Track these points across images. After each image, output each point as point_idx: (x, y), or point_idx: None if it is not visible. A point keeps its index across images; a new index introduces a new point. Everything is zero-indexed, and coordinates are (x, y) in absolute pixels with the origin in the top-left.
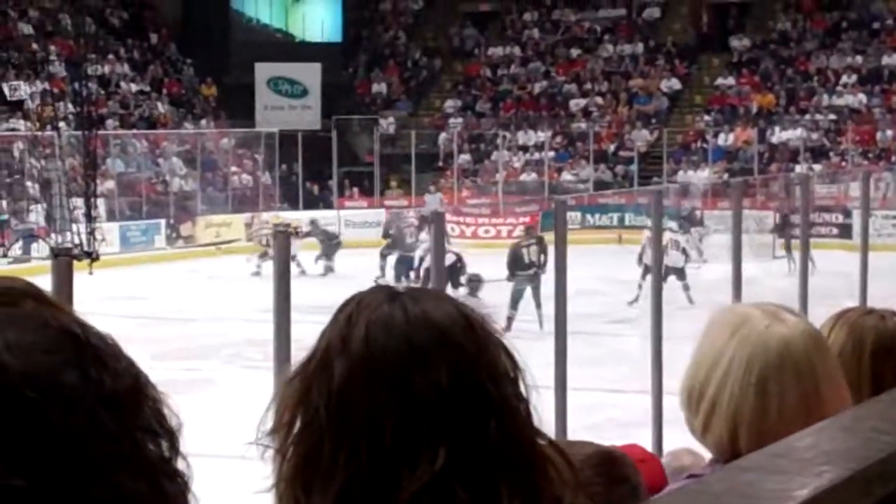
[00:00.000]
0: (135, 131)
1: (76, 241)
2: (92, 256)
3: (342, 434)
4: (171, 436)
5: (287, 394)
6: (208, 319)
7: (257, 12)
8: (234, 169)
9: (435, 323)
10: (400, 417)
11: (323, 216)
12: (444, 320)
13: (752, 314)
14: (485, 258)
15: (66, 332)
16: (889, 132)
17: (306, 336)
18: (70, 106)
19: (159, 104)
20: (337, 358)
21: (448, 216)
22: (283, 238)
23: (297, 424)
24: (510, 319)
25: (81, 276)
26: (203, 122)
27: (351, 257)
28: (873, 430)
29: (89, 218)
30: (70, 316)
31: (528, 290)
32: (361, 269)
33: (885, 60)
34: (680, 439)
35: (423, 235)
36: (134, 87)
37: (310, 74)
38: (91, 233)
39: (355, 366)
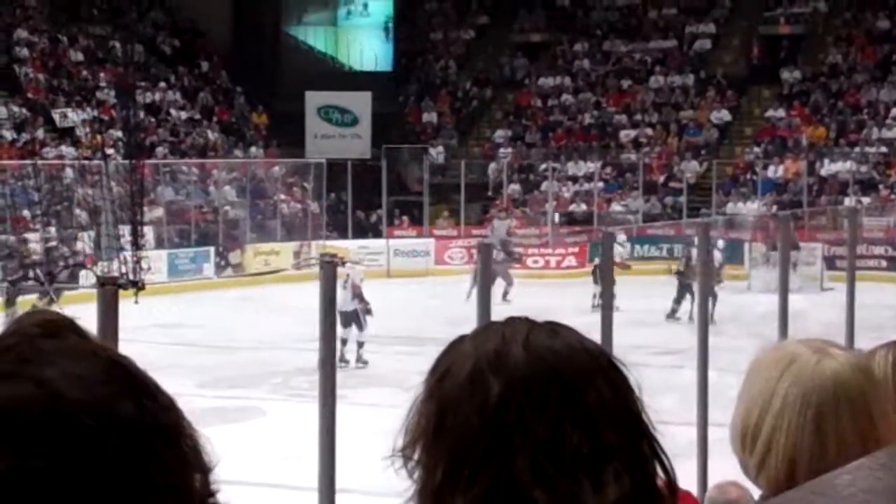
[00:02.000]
0: (185, 160)
1: (122, 269)
2: (138, 285)
3: (500, 445)
4: (206, 472)
5: (427, 410)
6: (256, 348)
7: (308, 38)
8: (283, 197)
9: (590, 350)
10: (574, 428)
11: (372, 245)
12: (595, 349)
13: (800, 351)
14: (534, 288)
15: (117, 364)
16: None
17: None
18: (119, 133)
19: (209, 132)
20: (493, 374)
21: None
22: (330, 268)
23: (442, 437)
24: None
25: (127, 305)
26: (253, 149)
27: (399, 287)
28: None
29: (136, 246)
30: (113, 349)
31: None
32: (409, 298)
33: None
34: (724, 470)
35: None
36: (184, 115)
37: (360, 103)
38: (137, 261)
39: (515, 383)
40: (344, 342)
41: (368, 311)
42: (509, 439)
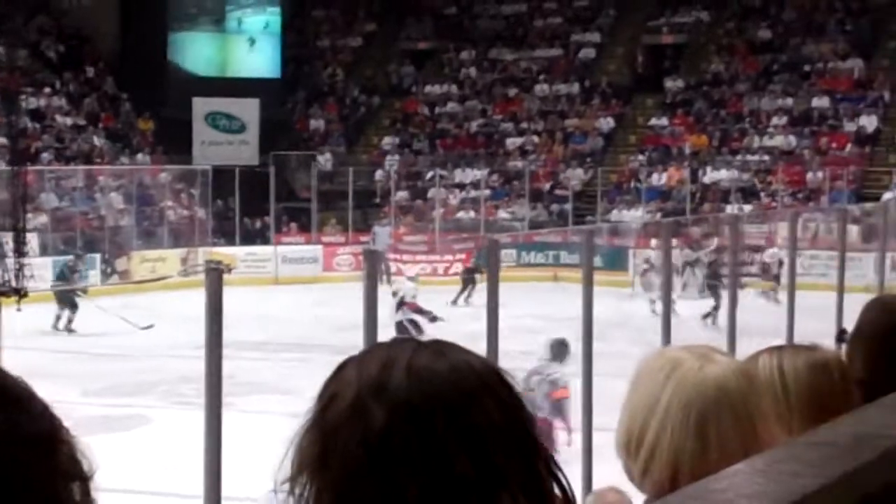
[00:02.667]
0: (71, 167)
1: (5, 276)
2: (20, 292)
3: (387, 475)
4: (85, 481)
5: (309, 440)
6: (142, 355)
7: (195, 44)
8: (169, 204)
9: (476, 370)
10: (463, 454)
11: (260, 252)
12: (483, 369)
13: (684, 357)
14: (421, 295)
15: None
16: (819, 173)
17: (238, 372)
18: (3, 139)
19: (95, 138)
20: (374, 403)
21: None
22: (216, 275)
23: (326, 468)
24: None
25: (9, 312)
26: (139, 156)
27: (287, 294)
28: (789, 473)
29: (19, 253)
30: None
31: None
32: (297, 305)
33: (815, 102)
34: (610, 475)
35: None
36: (70, 121)
37: (248, 110)
38: (20, 269)
39: (398, 409)
40: None
41: (433, 319)
42: (396, 470)
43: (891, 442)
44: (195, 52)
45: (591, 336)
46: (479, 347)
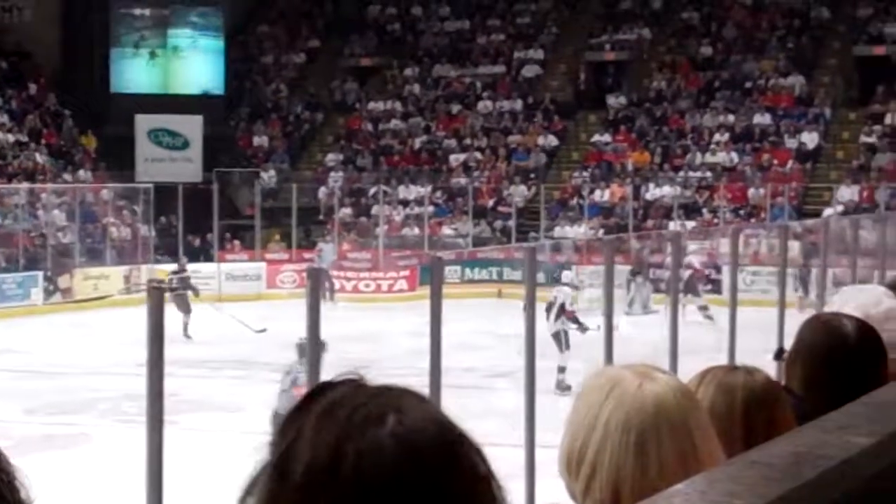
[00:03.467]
0: (13, 185)
1: None
2: None
3: None
4: None
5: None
6: (84, 373)
7: (138, 61)
8: (112, 221)
9: (421, 451)
10: None
11: (203, 269)
12: (430, 452)
13: (624, 375)
14: (365, 312)
15: None
16: (760, 190)
17: (181, 390)
18: None
19: (38, 155)
20: (323, 486)
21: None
22: (157, 293)
23: None
24: None
25: None
26: (81, 173)
27: (231, 311)
28: (727, 494)
29: None
30: None
31: None
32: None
33: (757, 119)
34: (553, 492)
35: None
36: (12, 138)
37: (191, 126)
38: None
39: (346, 499)
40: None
41: (585, 330)
42: None
43: (830, 462)
44: (138, 68)
45: (534, 352)
46: (422, 365)
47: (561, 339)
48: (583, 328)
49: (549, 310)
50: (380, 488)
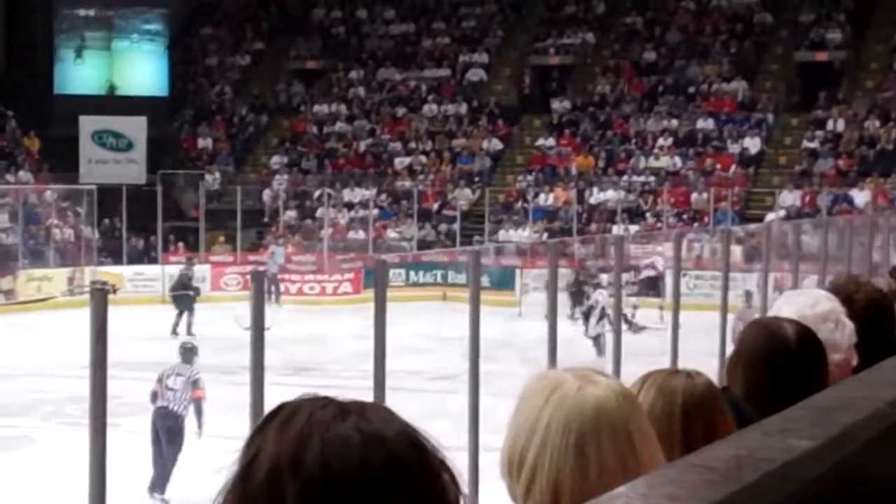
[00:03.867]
0: None
1: None
2: None
3: None
4: None
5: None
6: (27, 375)
7: (82, 61)
8: (56, 222)
9: (389, 446)
10: None
11: (147, 271)
12: (397, 443)
13: (564, 378)
14: (310, 314)
15: None
16: (703, 194)
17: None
18: None
19: None
20: (290, 479)
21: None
22: (101, 295)
23: None
24: None
25: None
26: (21, 173)
27: (174, 314)
28: (668, 497)
29: None
30: None
31: None
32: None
33: (700, 124)
34: (496, 495)
35: None
36: None
37: (135, 128)
38: None
39: (312, 489)
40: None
41: (636, 330)
42: None
43: (771, 465)
44: (81, 69)
45: (478, 355)
46: (367, 367)
47: (601, 343)
48: (635, 328)
49: (588, 314)
50: (347, 478)
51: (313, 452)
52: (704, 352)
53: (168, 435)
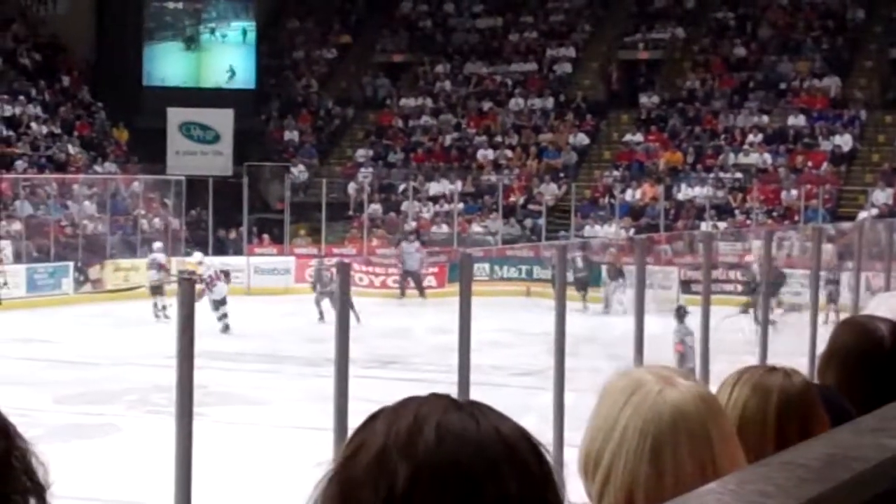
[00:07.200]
0: (45, 175)
1: None
2: None
3: None
4: (40, 491)
5: (332, 491)
6: (114, 364)
7: (171, 54)
8: (143, 213)
9: (505, 437)
10: None
11: (233, 262)
12: (512, 435)
13: (645, 379)
14: (393, 308)
15: None
16: (793, 192)
17: (209, 382)
18: None
19: (70, 146)
20: (400, 459)
21: (357, 266)
22: (188, 285)
23: None
24: None
25: None
26: (108, 164)
27: (258, 305)
28: (759, 494)
29: None
30: None
31: None
32: (268, 316)
33: (791, 121)
34: (580, 492)
35: None
36: (44, 129)
37: (222, 120)
38: None
39: (423, 470)
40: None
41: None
42: None
43: (864, 464)
44: (170, 61)
45: (563, 351)
46: (450, 361)
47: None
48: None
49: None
50: (463, 462)
51: (427, 437)
52: (795, 351)
53: None
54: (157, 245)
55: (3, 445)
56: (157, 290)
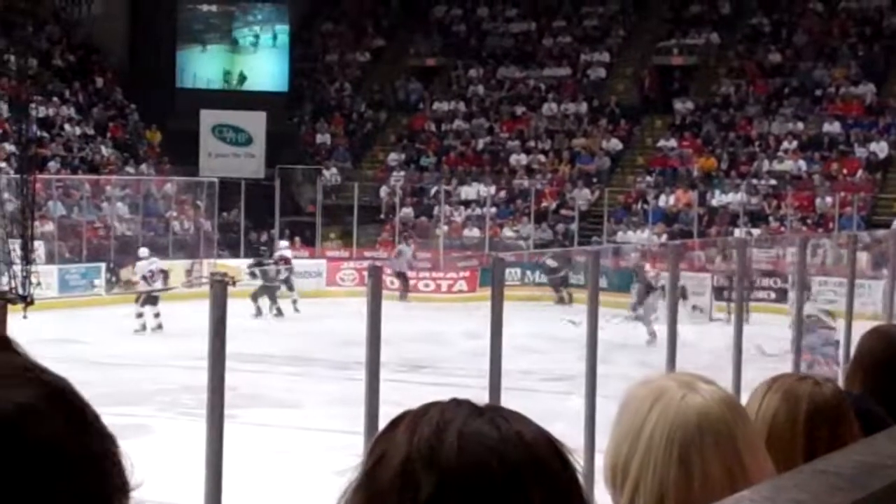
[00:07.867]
0: (78, 176)
1: (12, 284)
2: (27, 300)
3: None
4: (129, 493)
5: (357, 502)
6: (145, 365)
7: (204, 56)
8: (175, 215)
9: (528, 442)
10: None
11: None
12: (535, 441)
13: (668, 386)
14: (424, 312)
15: (57, 391)
16: (828, 199)
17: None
18: (12, 147)
19: (103, 148)
20: (424, 469)
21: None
22: (220, 287)
23: None
24: None
25: (16, 319)
26: (143, 167)
27: (290, 306)
28: (793, 502)
29: (26, 261)
30: (50, 371)
31: None
32: (299, 319)
33: (826, 128)
34: (606, 500)
35: None
36: (78, 130)
37: (255, 123)
38: (27, 276)
39: (447, 479)
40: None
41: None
42: None
43: None
44: (203, 64)
45: (595, 357)
46: (481, 366)
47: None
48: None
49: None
50: (486, 471)
51: (450, 445)
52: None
53: None
54: (144, 251)
55: (108, 444)
56: (153, 299)
